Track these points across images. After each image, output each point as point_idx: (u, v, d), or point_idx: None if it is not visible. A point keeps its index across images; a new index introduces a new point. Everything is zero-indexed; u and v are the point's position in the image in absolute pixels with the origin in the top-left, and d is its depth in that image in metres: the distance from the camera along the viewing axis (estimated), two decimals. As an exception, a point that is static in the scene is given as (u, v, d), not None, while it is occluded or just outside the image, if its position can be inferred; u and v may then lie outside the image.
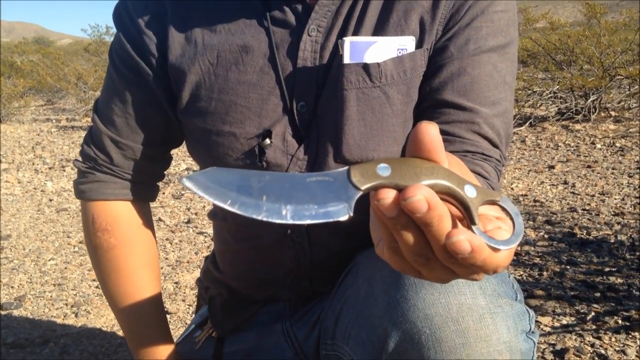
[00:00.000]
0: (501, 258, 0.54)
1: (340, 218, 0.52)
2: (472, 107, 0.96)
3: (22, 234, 3.37)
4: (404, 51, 0.98)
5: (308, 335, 1.14)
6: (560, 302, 2.25)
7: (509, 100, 1.00)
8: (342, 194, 0.52)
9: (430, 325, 0.80)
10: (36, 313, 2.39)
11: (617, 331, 2.01)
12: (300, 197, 0.52)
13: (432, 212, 0.50)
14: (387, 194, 0.51)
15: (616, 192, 3.75)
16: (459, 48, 0.98)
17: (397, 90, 0.98)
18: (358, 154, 1.00)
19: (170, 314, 2.34)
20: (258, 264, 1.15)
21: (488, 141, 0.97)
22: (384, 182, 0.52)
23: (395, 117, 0.99)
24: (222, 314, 1.22)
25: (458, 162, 0.63)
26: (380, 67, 0.97)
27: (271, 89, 1.01)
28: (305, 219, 0.51)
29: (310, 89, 1.01)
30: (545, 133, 5.69)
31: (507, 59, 1.00)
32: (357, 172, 0.53)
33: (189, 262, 2.86)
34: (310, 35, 1.00)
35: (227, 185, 0.51)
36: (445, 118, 0.97)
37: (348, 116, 0.98)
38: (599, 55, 6.14)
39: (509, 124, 1.01)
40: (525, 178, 4.25)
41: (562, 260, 2.66)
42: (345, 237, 1.08)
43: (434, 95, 0.98)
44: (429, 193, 0.50)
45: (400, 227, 0.53)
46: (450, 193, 0.53)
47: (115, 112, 1.12)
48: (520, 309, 0.85)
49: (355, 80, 0.97)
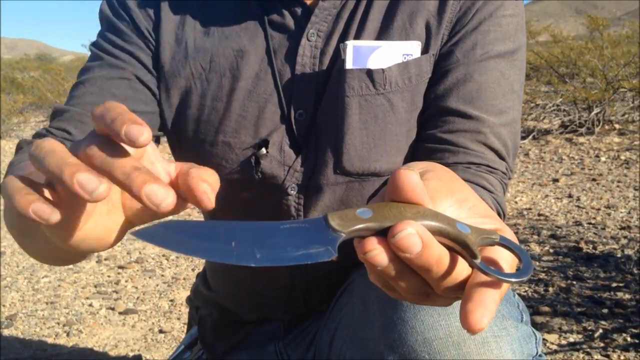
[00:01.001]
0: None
1: (322, 259, 0.47)
2: (478, 115, 0.91)
3: (16, 250, 3.31)
4: (410, 57, 0.92)
5: (302, 357, 1.08)
6: (566, 318, 2.18)
7: (516, 109, 0.95)
8: (321, 239, 0.48)
9: (429, 350, 0.74)
10: (27, 332, 2.33)
11: (626, 349, 1.94)
12: (274, 242, 0.47)
13: (428, 251, 0.45)
14: (373, 244, 0.46)
15: (622, 205, 3.68)
16: (465, 53, 0.92)
17: (401, 97, 0.93)
18: (359, 165, 0.94)
19: (164, 333, 2.28)
20: (251, 282, 1.10)
21: (494, 152, 0.92)
22: (367, 224, 0.47)
23: (399, 126, 0.94)
24: (213, 336, 1.16)
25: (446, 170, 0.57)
26: (385, 73, 0.91)
27: (268, 96, 0.95)
28: (283, 262, 0.46)
29: (310, 96, 0.95)
30: (548, 146, 5.64)
31: (515, 65, 0.95)
32: (335, 217, 0.48)
33: (185, 279, 2.80)
34: (309, 40, 0.95)
35: (189, 234, 0.47)
36: (449, 127, 0.91)
37: (349, 125, 0.92)
38: (602, 67, 6.11)
39: (517, 134, 0.95)
40: (529, 191, 4.19)
41: (568, 275, 2.60)
42: (343, 255, 1.02)
43: (439, 102, 0.93)
44: (421, 229, 0.45)
45: (394, 275, 0.48)
46: (442, 232, 0.47)
47: (82, 90, 0.99)
48: (526, 332, 0.79)
49: (357, 87, 0.91)
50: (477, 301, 0.45)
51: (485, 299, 0.46)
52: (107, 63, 0.98)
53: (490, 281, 0.47)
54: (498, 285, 0.47)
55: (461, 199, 0.53)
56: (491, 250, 0.50)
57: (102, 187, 0.43)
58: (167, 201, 0.44)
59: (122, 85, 0.96)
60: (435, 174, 0.55)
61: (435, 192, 0.52)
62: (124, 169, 0.45)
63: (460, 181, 0.56)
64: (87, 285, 2.79)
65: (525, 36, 0.99)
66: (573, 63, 6.48)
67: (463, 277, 0.49)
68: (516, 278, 0.48)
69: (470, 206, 0.53)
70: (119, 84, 0.98)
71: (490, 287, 0.47)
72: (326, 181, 0.96)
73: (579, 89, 5.93)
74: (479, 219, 0.52)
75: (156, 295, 2.65)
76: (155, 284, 2.78)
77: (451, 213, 0.51)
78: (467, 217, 0.52)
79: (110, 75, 0.98)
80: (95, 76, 0.98)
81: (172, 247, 0.45)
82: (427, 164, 0.59)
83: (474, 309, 0.45)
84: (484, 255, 0.49)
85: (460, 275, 0.48)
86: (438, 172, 0.56)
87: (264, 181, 0.97)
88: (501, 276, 0.47)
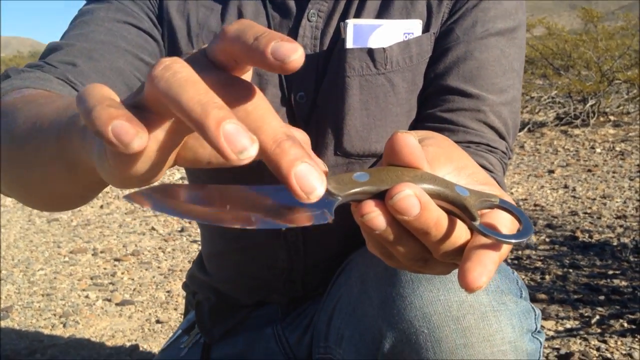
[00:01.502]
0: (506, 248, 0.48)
1: (319, 223, 0.45)
2: (479, 94, 0.90)
3: (11, 244, 3.30)
4: (411, 35, 0.92)
5: (300, 339, 1.07)
6: (563, 305, 2.19)
7: (517, 88, 0.94)
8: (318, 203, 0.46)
9: (428, 325, 0.74)
10: (23, 324, 2.31)
11: (622, 334, 1.94)
12: (269, 205, 0.46)
13: (426, 213, 0.44)
14: (370, 207, 0.45)
15: (617, 195, 3.69)
16: (465, 31, 0.92)
17: (402, 77, 0.92)
18: (360, 146, 0.93)
19: (161, 323, 2.28)
20: (248, 266, 1.09)
21: (494, 131, 0.91)
22: (364, 187, 0.46)
23: (400, 106, 0.93)
24: (210, 320, 1.16)
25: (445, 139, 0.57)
26: (386, 52, 0.91)
27: (269, 77, 0.94)
28: (278, 225, 0.45)
29: (310, 78, 0.94)
30: (544, 138, 5.64)
31: (515, 44, 0.94)
32: (332, 181, 0.47)
33: (181, 271, 2.79)
34: (310, 20, 0.94)
35: (182, 197, 0.45)
36: (449, 105, 0.91)
37: (350, 105, 0.91)
38: (597, 60, 6.11)
39: (517, 113, 0.95)
40: (525, 183, 4.19)
41: (565, 263, 2.60)
42: (342, 239, 1.02)
43: (438, 81, 0.92)
44: (419, 190, 0.44)
45: (392, 240, 0.47)
46: (440, 195, 0.47)
47: (87, 28, 0.92)
48: (525, 307, 0.79)
49: (358, 66, 0.91)
50: (475, 261, 0.45)
51: (484, 259, 0.45)
52: (116, 7, 0.94)
53: (490, 244, 0.47)
54: (498, 247, 0.47)
55: (460, 166, 0.53)
56: (491, 214, 0.50)
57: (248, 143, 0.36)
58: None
59: (133, 32, 0.92)
60: (434, 141, 0.55)
61: (434, 158, 0.51)
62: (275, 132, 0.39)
63: (459, 149, 0.56)
64: (83, 277, 2.78)
65: (525, 15, 0.98)
66: (568, 55, 6.48)
67: (462, 241, 0.48)
68: (515, 239, 0.47)
69: (469, 173, 0.53)
70: (129, 29, 0.94)
71: (490, 249, 0.46)
72: (327, 163, 0.95)
73: (574, 81, 5.93)
74: (478, 186, 0.51)
75: (153, 286, 2.64)
76: (152, 275, 2.77)
77: (450, 179, 0.51)
78: (466, 184, 0.51)
79: (120, 18, 0.93)
80: (102, 16, 0.93)
81: (165, 210, 0.44)
82: (426, 132, 0.59)
83: (472, 267, 0.44)
84: (483, 220, 0.49)
85: (459, 239, 0.48)
86: (437, 139, 0.56)
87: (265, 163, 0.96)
88: (500, 237, 0.46)
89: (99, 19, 0.93)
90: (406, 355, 0.75)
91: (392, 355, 0.76)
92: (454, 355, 0.72)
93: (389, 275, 0.80)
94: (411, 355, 0.74)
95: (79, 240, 3.32)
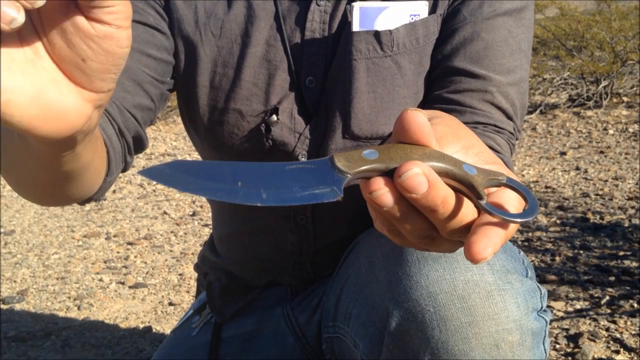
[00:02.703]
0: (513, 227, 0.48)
1: (328, 200, 0.46)
2: (486, 74, 0.90)
3: (26, 229, 3.34)
4: (417, 17, 0.92)
5: (309, 319, 1.09)
6: (573, 286, 2.19)
7: (524, 69, 0.94)
8: (327, 180, 0.47)
9: (434, 303, 0.75)
10: (38, 307, 2.35)
11: (632, 315, 1.95)
12: (280, 182, 0.47)
13: (434, 191, 0.45)
14: (379, 184, 0.46)
15: (630, 176, 3.67)
16: (472, 11, 0.91)
17: (409, 59, 0.92)
18: (368, 128, 0.94)
19: (174, 305, 2.31)
20: (258, 248, 1.10)
21: (502, 112, 0.91)
22: (373, 165, 0.47)
23: (407, 88, 0.93)
24: (221, 300, 1.17)
25: (453, 118, 0.57)
26: (392, 34, 0.91)
27: (278, 62, 0.95)
28: (289, 202, 0.46)
29: (319, 62, 0.95)
30: (556, 120, 5.60)
31: (522, 24, 0.94)
32: (341, 158, 0.48)
33: (193, 254, 2.82)
34: (319, 4, 0.94)
35: (195, 174, 0.47)
36: (456, 87, 0.91)
37: (357, 88, 0.92)
38: (610, 40, 6.04)
39: (525, 94, 0.95)
40: (537, 165, 4.18)
41: (575, 245, 2.60)
42: (351, 222, 1.03)
43: (445, 62, 0.92)
44: (427, 169, 0.45)
45: (400, 217, 0.48)
46: (448, 174, 0.47)
47: None
48: (530, 286, 0.79)
49: (365, 49, 0.91)
50: (481, 234, 0.46)
51: (490, 233, 0.46)
52: None
53: (497, 222, 0.47)
54: (505, 226, 0.47)
55: (467, 145, 0.53)
56: (498, 193, 0.50)
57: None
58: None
59: (138, 29, 0.94)
60: (442, 120, 0.56)
61: (441, 137, 0.52)
62: None
63: (466, 128, 0.56)
64: (97, 261, 2.81)
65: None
66: (581, 36, 6.40)
67: (469, 219, 0.49)
68: (521, 218, 0.48)
69: (477, 152, 0.53)
70: (135, 27, 0.94)
71: (496, 226, 0.47)
72: (335, 147, 0.96)
73: (587, 62, 5.87)
74: (485, 165, 0.52)
75: (165, 269, 2.67)
76: (164, 259, 2.80)
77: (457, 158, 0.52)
78: (473, 163, 0.52)
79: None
80: None
81: (178, 186, 0.46)
82: (435, 111, 0.59)
83: (478, 239, 0.45)
84: (490, 199, 0.49)
85: (466, 217, 0.49)
86: (445, 119, 0.56)
87: (275, 148, 0.97)
88: (506, 216, 0.47)
89: None
90: (412, 333, 0.76)
91: (398, 334, 0.77)
92: (459, 333, 0.73)
93: (396, 255, 0.81)
94: (417, 333, 0.75)
95: (92, 225, 3.35)
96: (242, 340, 1.12)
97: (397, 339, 0.78)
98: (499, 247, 0.46)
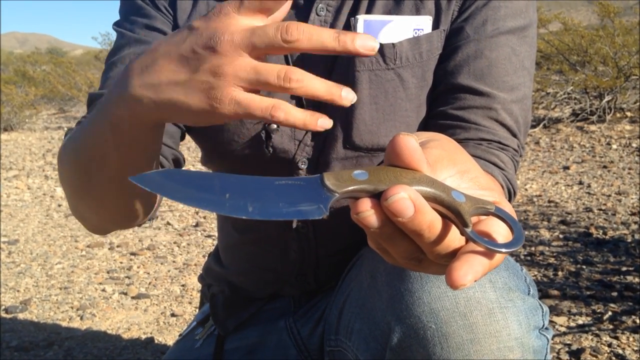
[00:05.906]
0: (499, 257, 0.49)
1: (313, 217, 0.47)
2: (490, 92, 0.91)
3: (30, 238, 3.35)
4: (420, 32, 0.93)
5: (312, 332, 1.09)
6: (575, 301, 2.19)
7: (527, 86, 0.95)
8: (315, 197, 0.48)
9: (436, 320, 0.75)
10: (41, 316, 2.36)
11: (635, 331, 1.94)
12: (268, 196, 0.48)
13: (420, 216, 0.46)
14: (365, 205, 0.47)
15: (633, 191, 3.67)
16: (475, 29, 0.92)
17: (412, 73, 0.93)
18: (369, 139, 0.95)
19: (176, 316, 2.31)
20: (261, 258, 1.11)
21: (506, 129, 0.92)
22: (362, 186, 0.48)
23: (409, 101, 0.94)
24: (224, 312, 1.18)
25: (451, 141, 0.58)
26: (396, 48, 0.92)
27: None
28: (274, 216, 0.47)
29: (319, 71, 0.95)
30: (559, 134, 5.61)
31: (526, 42, 0.95)
32: (331, 177, 0.48)
33: (196, 265, 2.82)
34: (319, 14, 0.95)
35: (185, 183, 0.48)
36: (460, 103, 0.92)
37: (359, 99, 0.93)
38: (614, 55, 6.05)
39: (528, 111, 0.95)
40: (540, 179, 4.18)
41: (578, 260, 2.60)
42: (353, 231, 1.03)
43: (449, 79, 0.93)
44: (414, 193, 0.46)
45: (386, 238, 0.48)
46: (436, 199, 0.48)
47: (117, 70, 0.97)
48: (532, 304, 0.79)
49: (368, 61, 0.92)
50: (463, 260, 0.46)
51: (473, 260, 0.46)
52: (134, 39, 0.98)
53: (482, 250, 0.48)
54: (489, 255, 0.47)
55: (463, 169, 0.54)
56: (487, 221, 0.51)
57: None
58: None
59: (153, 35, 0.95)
60: (439, 143, 0.56)
61: (436, 160, 0.52)
62: None
63: (464, 152, 0.57)
64: (100, 271, 2.82)
65: (535, 13, 0.99)
66: (584, 51, 6.42)
67: (456, 245, 0.49)
68: (505, 248, 0.48)
69: (472, 177, 0.54)
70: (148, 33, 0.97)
71: (480, 255, 0.47)
72: (336, 156, 0.97)
73: (590, 77, 5.88)
74: (479, 190, 0.52)
75: (168, 280, 2.67)
76: (167, 269, 2.81)
77: (452, 183, 0.52)
78: (468, 188, 0.52)
79: (139, 51, 0.97)
80: (125, 54, 0.98)
81: (167, 194, 0.47)
82: (433, 134, 0.60)
83: (459, 266, 0.46)
84: (479, 228, 0.50)
85: (452, 243, 0.49)
86: (442, 142, 0.57)
87: (275, 156, 0.98)
88: (490, 245, 0.47)
89: (124, 58, 0.97)
90: (414, 349, 0.76)
91: (400, 349, 0.78)
92: (460, 350, 0.74)
93: (398, 270, 0.82)
94: (419, 349, 0.76)
95: (95, 235, 3.36)
96: (245, 352, 1.13)
97: (399, 354, 0.78)
98: (480, 275, 0.46)
